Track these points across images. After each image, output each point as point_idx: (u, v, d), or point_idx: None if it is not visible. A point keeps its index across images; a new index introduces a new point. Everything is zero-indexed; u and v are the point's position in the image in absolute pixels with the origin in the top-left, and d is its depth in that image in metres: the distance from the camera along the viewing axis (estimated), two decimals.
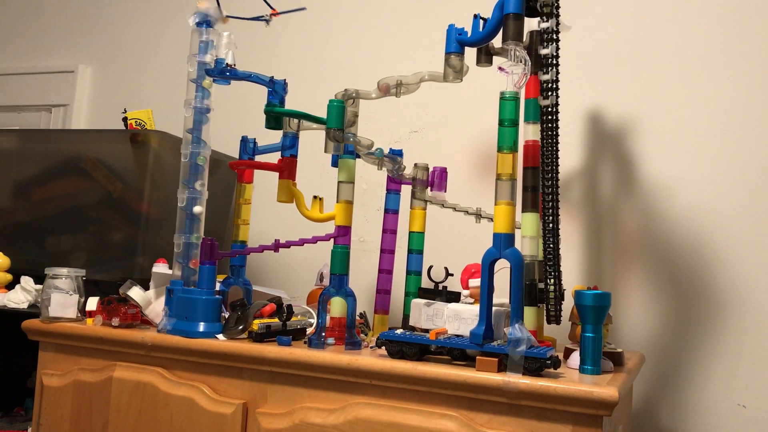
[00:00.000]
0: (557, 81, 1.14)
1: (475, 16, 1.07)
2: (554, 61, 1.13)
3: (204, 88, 1.21)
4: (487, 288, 0.99)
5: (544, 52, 1.10)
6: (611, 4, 1.55)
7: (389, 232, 1.35)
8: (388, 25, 1.77)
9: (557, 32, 1.13)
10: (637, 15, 1.53)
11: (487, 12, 1.09)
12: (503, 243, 0.98)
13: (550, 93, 1.14)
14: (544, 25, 1.09)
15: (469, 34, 1.09)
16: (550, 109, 1.15)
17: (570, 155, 1.53)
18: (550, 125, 1.16)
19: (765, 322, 1.38)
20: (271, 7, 1.25)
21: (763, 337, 1.38)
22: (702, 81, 1.47)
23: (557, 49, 1.13)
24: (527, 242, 1.19)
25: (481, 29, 1.07)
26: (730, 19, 1.46)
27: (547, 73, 1.12)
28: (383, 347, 1.06)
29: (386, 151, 1.24)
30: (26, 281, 1.43)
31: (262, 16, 1.23)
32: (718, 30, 1.46)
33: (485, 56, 1.19)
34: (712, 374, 1.40)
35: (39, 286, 1.40)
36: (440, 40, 1.16)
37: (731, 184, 1.42)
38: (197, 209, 1.22)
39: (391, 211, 1.35)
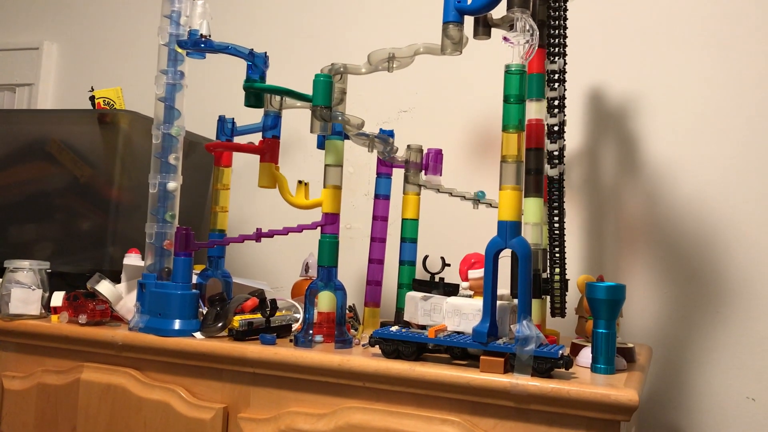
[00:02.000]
0: (565, 55, 1.06)
1: None
2: (563, 33, 1.04)
3: (177, 61, 1.11)
4: (492, 281, 0.90)
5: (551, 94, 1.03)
6: None
7: (380, 219, 1.25)
8: None
9: (565, 16, 1.04)
10: None
11: None
12: (509, 231, 0.90)
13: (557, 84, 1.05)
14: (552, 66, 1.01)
15: (469, 2, 0.99)
16: (557, 86, 1.06)
17: (569, 136, 1.44)
18: (557, 106, 1.07)
19: None
20: None
21: None
22: (708, 58, 1.38)
23: (565, 20, 1.05)
24: (530, 229, 1.10)
25: None
26: None
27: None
28: (377, 346, 0.97)
29: (375, 132, 1.15)
30: None
31: None
32: (725, 5, 1.38)
33: (483, 28, 1.09)
34: (719, 366, 1.34)
35: None
36: (437, 8, 1.06)
37: (740, 165, 1.35)
38: (171, 185, 1.11)
39: (381, 197, 1.25)
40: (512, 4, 0.92)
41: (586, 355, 0.98)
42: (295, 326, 1.15)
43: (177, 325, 1.07)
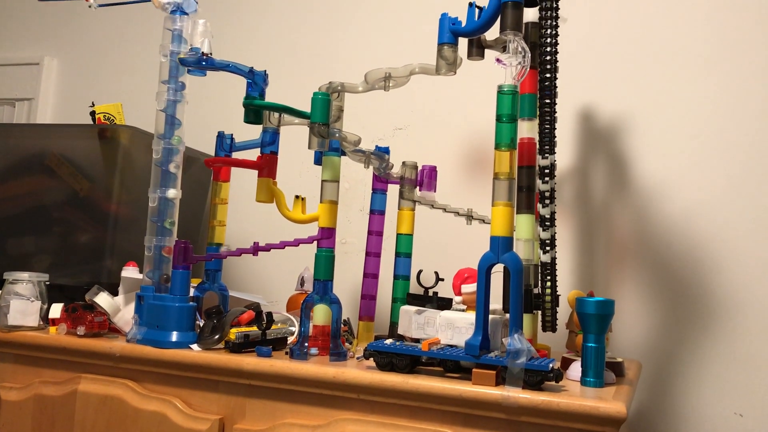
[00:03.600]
0: (555, 78, 1.09)
1: (471, 5, 1.00)
2: (554, 51, 1.07)
3: (178, 77, 1.13)
4: (484, 295, 0.92)
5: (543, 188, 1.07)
6: (604, 0, 1.50)
7: (375, 234, 1.28)
8: (376, 14, 1.69)
9: (557, 17, 1.07)
10: (630, 11, 1.48)
11: (480, 1, 1.02)
12: (501, 247, 0.92)
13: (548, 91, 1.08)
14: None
15: (463, 24, 1.02)
16: (547, 109, 1.09)
17: (560, 154, 1.47)
18: (547, 122, 1.10)
19: (763, 328, 1.33)
20: None
21: (761, 343, 1.33)
22: (697, 79, 1.42)
23: (556, 44, 1.08)
24: (521, 245, 1.12)
25: (476, 18, 1.00)
26: (726, 16, 1.41)
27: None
28: (371, 359, 0.99)
29: (371, 149, 1.17)
30: None
31: None
32: (714, 26, 1.42)
33: (477, 49, 1.12)
34: (708, 382, 1.36)
35: None
36: (432, 30, 1.09)
37: (728, 184, 1.38)
38: (171, 193, 1.13)
39: (377, 212, 1.28)
40: (505, 26, 0.94)
41: (576, 369, 1.00)
42: (291, 339, 1.17)
43: (174, 337, 1.09)
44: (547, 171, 1.12)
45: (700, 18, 1.43)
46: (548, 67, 1.08)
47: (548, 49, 1.07)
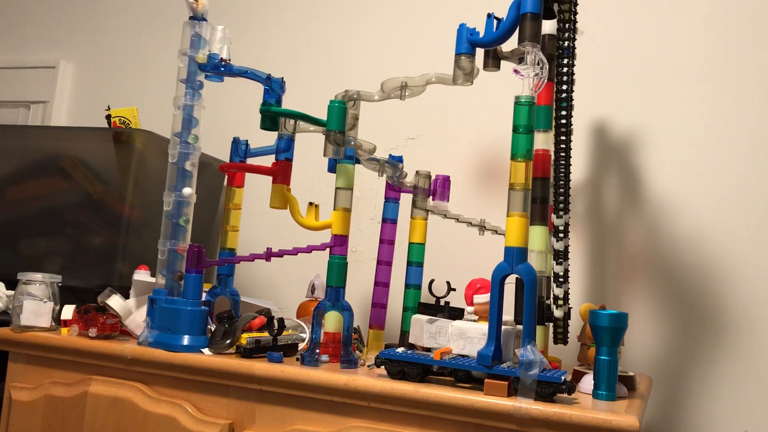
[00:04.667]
0: (572, 91, 1.09)
1: (489, 16, 1.01)
2: (571, 62, 1.08)
3: (195, 83, 1.14)
4: (497, 305, 0.92)
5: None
6: (618, 14, 1.50)
7: (387, 242, 1.28)
8: (393, 23, 1.70)
9: (575, 30, 1.07)
10: (645, 24, 1.48)
11: (499, 12, 1.03)
12: (516, 257, 0.92)
13: (565, 103, 1.08)
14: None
15: (481, 35, 1.03)
16: (564, 121, 1.09)
17: (574, 168, 1.47)
18: (563, 135, 1.10)
19: None
20: None
21: None
22: (712, 95, 1.42)
23: (573, 57, 1.08)
24: (534, 257, 1.12)
25: (495, 29, 1.01)
26: (740, 33, 1.41)
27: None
28: (382, 366, 0.98)
29: (385, 158, 1.18)
30: None
31: None
32: (728, 43, 1.42)
33: (493, 60, 1.12)
34: (718, 398, 1.35)
35: (10, 292, 1.31)
36: (449, 40, 1.10)
37: (741, 200, 1.37)
38: (187, 191, 1.13)
39: (389, 221, 1.28)
40: (523, 38, 0.95)
41: (587, 382, 0.99)
42: (302, 345, 1.17)
43: (186, 340, 1.09)
44: (562, 172, 1.12)
45: (714, 33, 1.43)
46: (565, 79, 1.08)
47: (565, 61, 1.07)
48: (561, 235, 1.12)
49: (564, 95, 1.08)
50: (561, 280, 1.11)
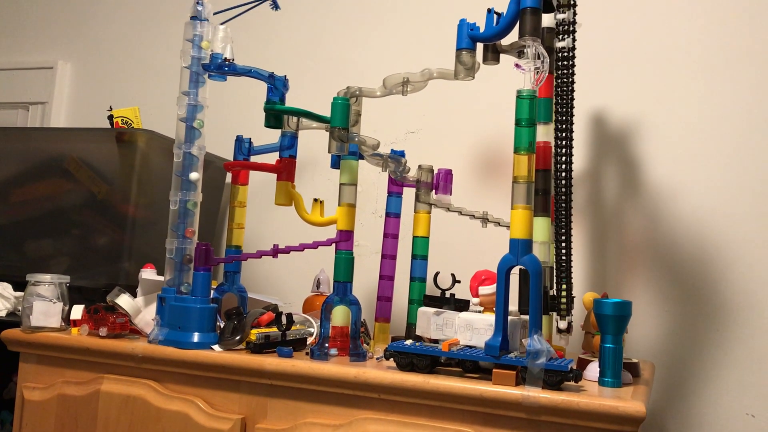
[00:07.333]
0: (573, 75, 1.10)
1: (489, 11, 1.02)
2: (571, 55, 1.09)
3: (198, 82, 1.14)
4: (504, 296, 0.94)
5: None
6: (617, 4, 1.51)
7: (390, 236, 1.29)
8: (394, 20, 1.71)
9: (574, 23, 1.08)
10: (643, 15, 1.49)
11: (497, 7, 1.04)
12: (521, 249, 0.93)
13: (565, 88, 1.09)
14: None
15: (481, 30, 1.04)
16: (564, 108, 1.11)
17: (574, 158, 1.48)
18: (564, 124, 1.11)
19: None
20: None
21: None
22: (710, 83, 1.43)
23: (573, 41, 1.09)
24: (538, 248, 1.14)
25: (495, 24, 1.02)
26: (738, 21, 1.42)
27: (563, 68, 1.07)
28: (391, 359, 1.00)
29: (387, 153, 1.19)
30: (4, 287, 1.35)
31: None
32: (726, 31, 1.43)
33: (492, 54, 1.13)
34: (720, 383, 1.37)
35: (18, 294, 1.33)
36: (449, 35, 1.11)
37: (740, 187, 1.39)
38: (194, 175, 1.14)
39: (392, 215, 1.29)
40: (524, 32, 0.96)
41: (593, 369, 1.01)
42: (310, 340, 1.18)
43: (196, 337, 1.10)
44: (563, 164, 1.13)
45: (714, 23, 1.44)
46: (565, 71, 1.09)
47: (565, 53, 1.09)
48: (563, 225, 1.13)
49: (564, 88, 1.09)
50: (563, 272, 1.13)
